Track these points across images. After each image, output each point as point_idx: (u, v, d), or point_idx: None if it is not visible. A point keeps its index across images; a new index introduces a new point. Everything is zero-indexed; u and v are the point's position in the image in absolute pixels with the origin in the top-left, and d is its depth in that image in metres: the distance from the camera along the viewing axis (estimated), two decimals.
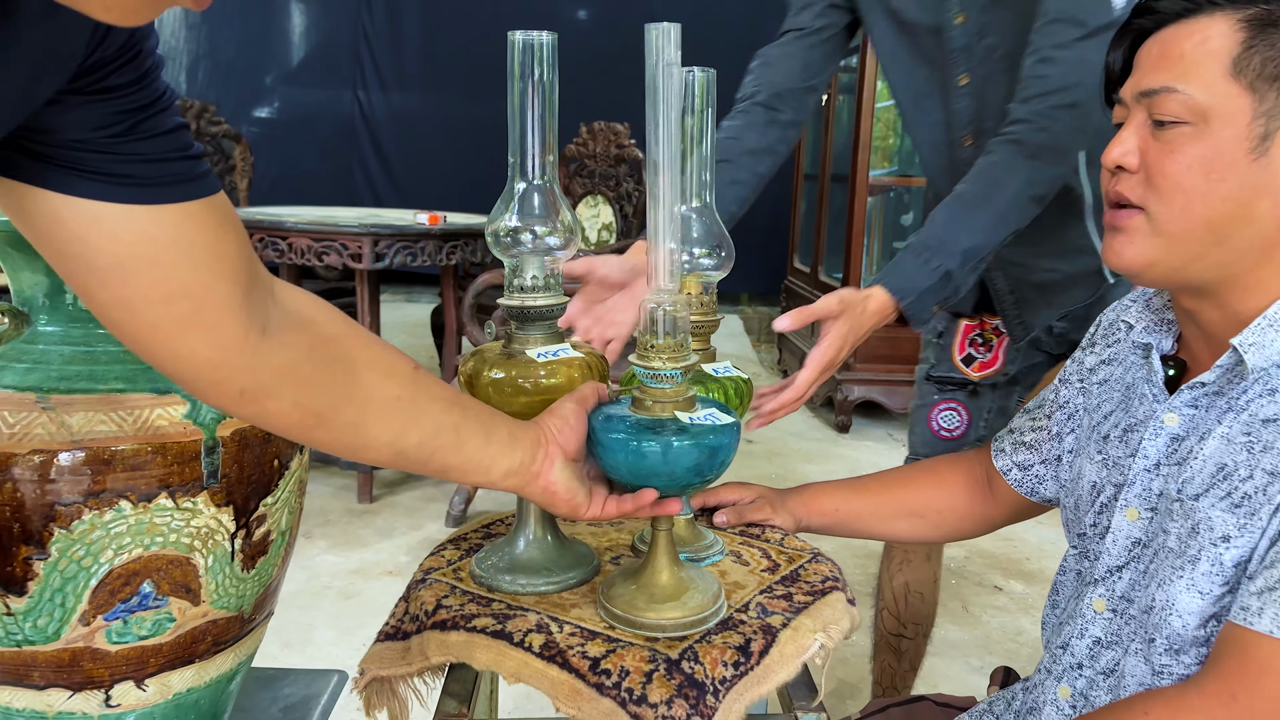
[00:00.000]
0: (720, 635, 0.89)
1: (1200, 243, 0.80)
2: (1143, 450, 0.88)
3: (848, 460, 3.52)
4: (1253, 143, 0.77)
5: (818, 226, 4.48)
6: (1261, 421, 0.79)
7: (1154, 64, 0.81)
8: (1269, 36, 0.76)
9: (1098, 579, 0.92)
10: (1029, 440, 1.10)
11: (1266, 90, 0.76)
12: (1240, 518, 0.77)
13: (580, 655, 0.85)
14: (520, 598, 0.95)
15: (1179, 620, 0.81)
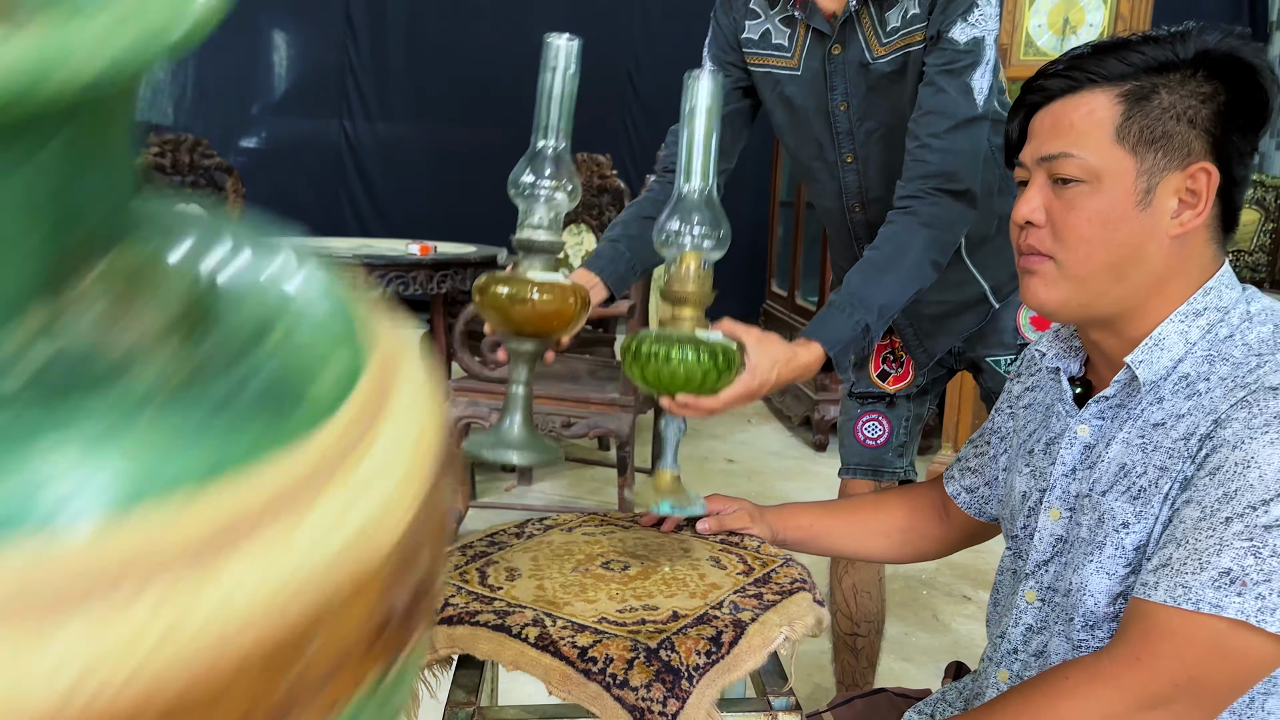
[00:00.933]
0: (695, 628, 1.01)
1: (1103, 282, 0.94)
2: (1061, 458, 1.02)
3: (824, 478, 3.64)
4: (1138, 196, 0.91)
5: (794, 252, 4.62)
6: (1152, 425, 0.93)
7: (1049, 133, 0.95)
8: (1143, 107, 0.91)
9: (1028, 573, 1.05)
10: (973, 466, 1.24)
11: (1145, 152, 0.91)
12: (1137, 506, 0.91)
13: (570, 645, 0.97)
14: (518, 597, 1.07)
15: (1091, 599, 0.94)
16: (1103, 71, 0.92)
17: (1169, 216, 0.91)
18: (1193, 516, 0.84)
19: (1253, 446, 0.82)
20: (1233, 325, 0.93)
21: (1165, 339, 0.93)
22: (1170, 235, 0.91)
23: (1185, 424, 0.89)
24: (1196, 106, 0.90)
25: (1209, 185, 0.90)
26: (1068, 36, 3.10)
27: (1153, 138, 0.90)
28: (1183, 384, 0.92)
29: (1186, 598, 0.81)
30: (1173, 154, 0.90)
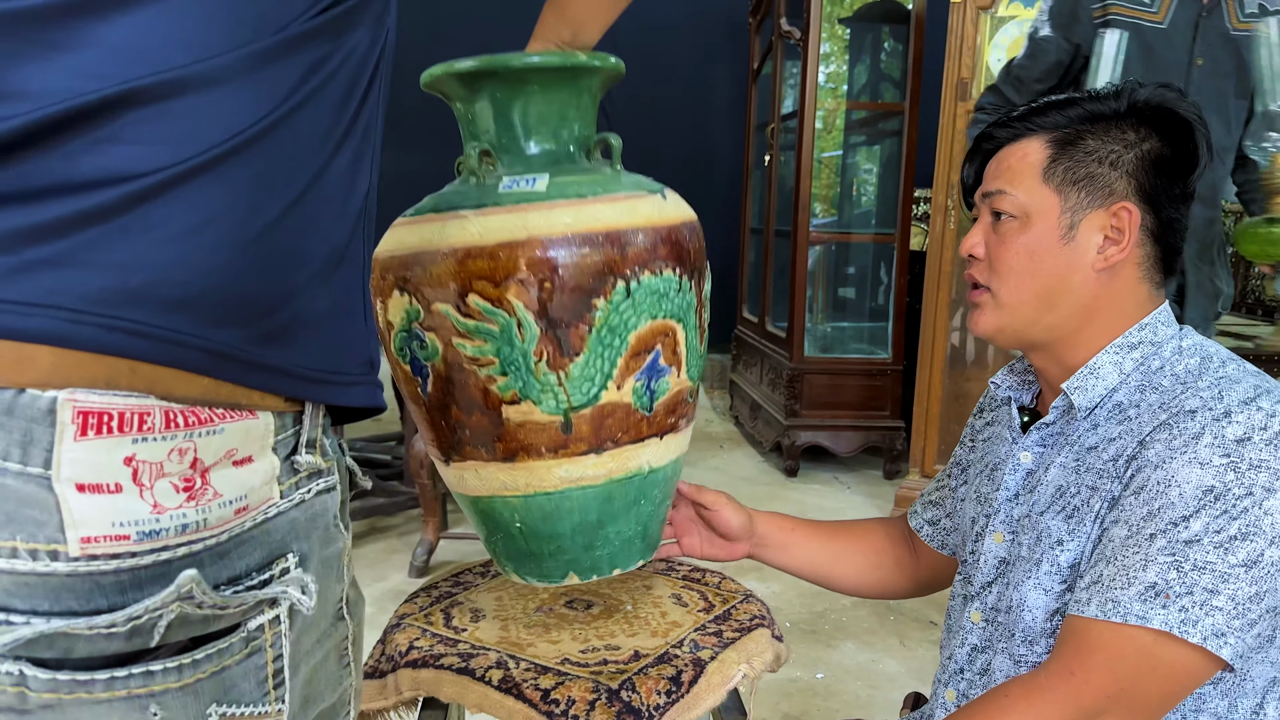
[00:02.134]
0: (656, 668, 1.04)
1: (1034, 310, 1.01)
2: (1004, 484, 1.08)
3: (796, 503, 3.68)
4: (1062, 231, 0.99)
5: (764, 278, 4.67)
6: (1086, 449, 0.98)
7: (993, 174, 1.05)
8: (1068, 151, 0.99)
9: (973, 595, 1.10)
10: (934, 499, 1.29)
11: (1069, 191, 0.99)
12: (1071, 525, 0.96)
13: (533, 688, 0.99)
14: (482, 639, 1.09)
15: (1029, 615, 0.99)
16: (1042, 122, 1.02)
17: (1094, 251, 0.98)
18: (1120, 535, 0.89)
19: (1173, 466, 0.87)
20: (1164, 358, 0.99)
21: (1100, 368, 1.00)
22: (1095, 269, 0.99)
23: (1115, 446, 0.95)
24: (1120, 151, 0.98)
25: (1131, 223, 0.97)
26: None
27: (1076, 178, 0.99)
28: (1116, 411, 0.98)
29: (1115, 611, 0.85)
30: (1096, 193, 0.98)
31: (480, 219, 0.90)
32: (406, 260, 0.93)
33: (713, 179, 6.24)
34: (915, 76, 3.89)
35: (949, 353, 3.43)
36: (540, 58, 0.95)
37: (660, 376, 0.97)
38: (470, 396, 0.93)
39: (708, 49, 6.48)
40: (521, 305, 0.89)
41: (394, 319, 0.95)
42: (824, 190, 4.58)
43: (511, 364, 0.91)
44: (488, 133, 1.01)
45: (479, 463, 0.97)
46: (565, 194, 0.92)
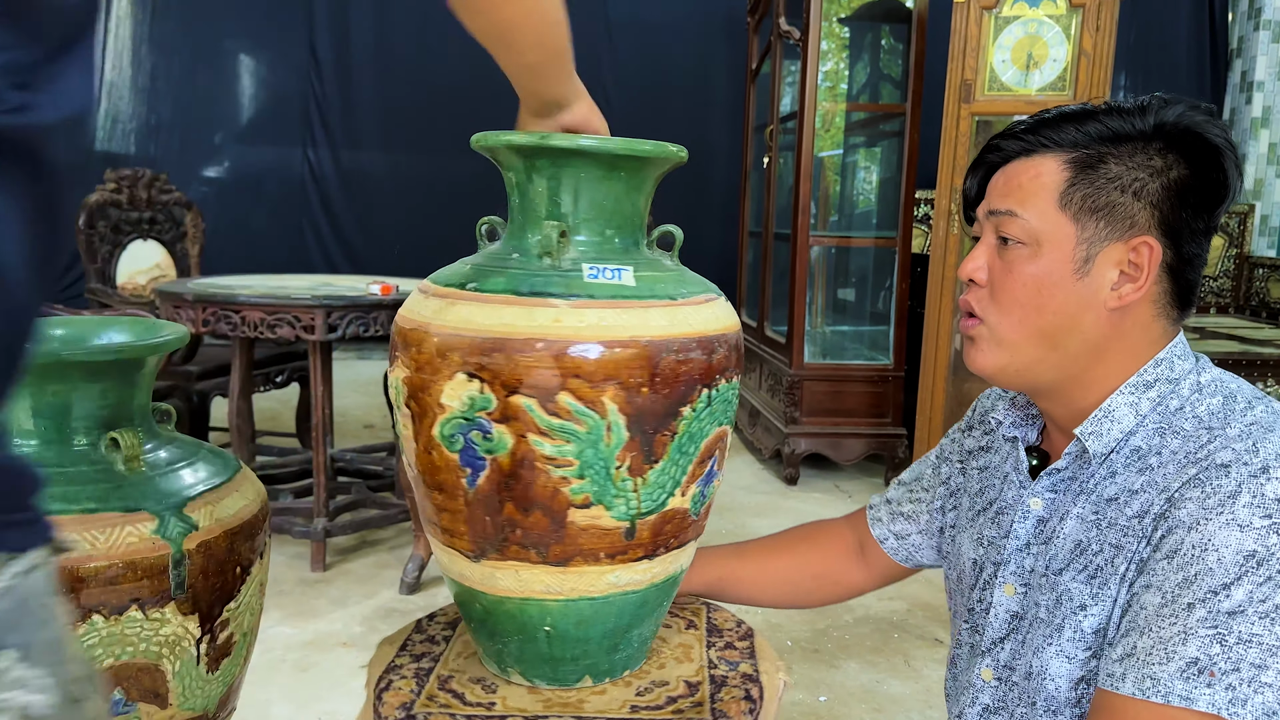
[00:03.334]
0: (724, 691, 1.01)
1: (1037, 348, 0.92)
2: (1014, 532, 0.99)
3: (796, 513, 3.61)
4: (1076, 265, 0.89)
5: (762, 282, 4.60)
6: (1105, 500, 0.90)
7: (1001, 191, 0.94)
8: (1089, 175, 0.89)
9: (984, 650, 1.01)
10: (906, 511, 1.20)
11: (1087, 220, 0.89)
12: (1094, 587, 0.88)
13: None
14: (520, 706, 1.00)
15: (1052, 684, 0.91)
16: (1057, 137, 0.91)
17: (1108, 288, 0.89)
18: (1154, 603, 0.81)
19: (1209, 528, 0.79)
20: (1183, 397, 0.91)
21: (1115, 410, 0.91)
22: (1109, 307, 0.90)
23: (1139, 501, 0.87)
24: (1145, 179, 0.88)
25: (1151, 260, 0.88)
26: (1031, 72, 3.11)
27: (1096, 206, 0.89)
28: (1135, 457, 0.90)
29: (1155, 690, 0.78)
30: (1115, 224, 0.89)
31: (576, 312, 0.86)
32: (483, 345, 0.86)
33: (711, 181, 6.17)
34: (917, 77, 3.82)
35: (952, 358, 3.36)
36: (621, 144, 0.93)
37: (712, 481, 0.98)
38: (535, 496, 0.89)
39: (705, 48, 6.42)
40: (615, 409, 0.86)
41: (450, 403, 0.88)
42: (824, 192, 4.51)
43: (591, 467, 0.88)
44: (557, 211, 0.95)
45: (523, 564, 0.93)
46: (655, 293, 0.91)
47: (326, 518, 2.86)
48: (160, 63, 6.25)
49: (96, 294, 3.59)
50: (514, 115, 1.02)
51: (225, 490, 0.93)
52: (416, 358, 0.89)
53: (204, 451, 0.97)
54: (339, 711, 2.10)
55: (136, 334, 0.96)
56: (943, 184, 3.24)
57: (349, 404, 5.02)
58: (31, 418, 0.87)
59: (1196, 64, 6.48)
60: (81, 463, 0.88)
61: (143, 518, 0.85)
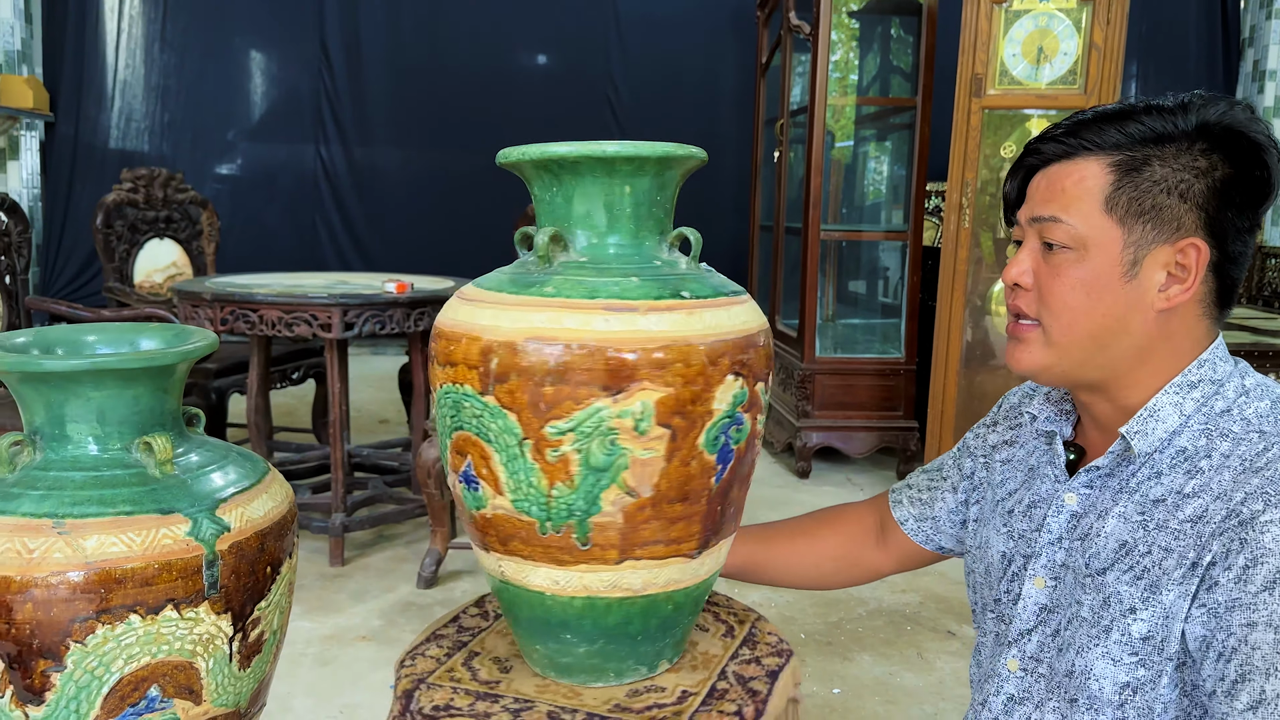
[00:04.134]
0: (716, 704, 1.00)
1: (1085, 350, 0.93)
2: (1047, 526, 1.01)
3: (808, 506, 3.60)
4: (1124, 268, 0.90)
5: (774, 276, 4.61)
6: (1152, 502, 0.91)
7: (1043, 195, 0.95)
8: (1133, 179, 0.90)
9: (1011, 641, 1.03)
10: (926, 497, 1.22)
11: (1134, 224, 0.90)
12: (1142, 590, 0.88)
13: None
14: (523, 690, 1.03)
15: (1096, 684, 0.92)
16: (1099, 140, 0.91)
17: (1155, 290, 0.90)
18: (1268, 640, 0.78)
19: None
20: (1229, 399, 0.92)
21: (1160, 410, 0.92)
22: (1156, 309, 0.91)
23: (1192, 505, 0.87)
24: (1190, 180, 0.89)
25: (1198, 261, 0.89)
26: (1042, 65, 3.11)
27: (1142, 210, 0.89)
28: (1181, 458, 0.91)
29: None
30: (1162, 227, 0.89)
31: (739, 308, 0.99)
32: (740, 344, 0.95)
33: (721, 175, 6.18)
34: (927, 71, 3.82)
35: (964, 351, 3.37)
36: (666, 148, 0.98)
37: None
38: (748, 469, 1.02)
39: (715, 42, 6.41)
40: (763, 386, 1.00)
41: (721, 405, 0.93)
42: (834, 186, 4.52)
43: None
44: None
45: (727, 540, 1.05)
46: (725, 291, 1.00)
47: (344, 513, 2.90)
48: (172, 61, 6.28)
49: (114, 293, 3.63)
50: (526, 112, 1.06)
51: (255, 492, 0.95)
52: (683, 372, 0.90)
53: (233, 454, 1.00)
54: (360, 704, 2.14)
55: (167, 340, 0.99)
56: (954, 177, 3.24)
57: (363, 399, 5.05)
58: (69, 423, 0.89)
59: (1208, 53, 6.45)
60: (116, 466, 0.90)
61: (177, 520, 0.88)
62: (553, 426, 0.90)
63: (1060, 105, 3.11)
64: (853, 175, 4.82)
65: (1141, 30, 6.19)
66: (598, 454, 0.90)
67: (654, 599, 1.00)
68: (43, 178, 6.11)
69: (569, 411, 0.89)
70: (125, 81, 6.26)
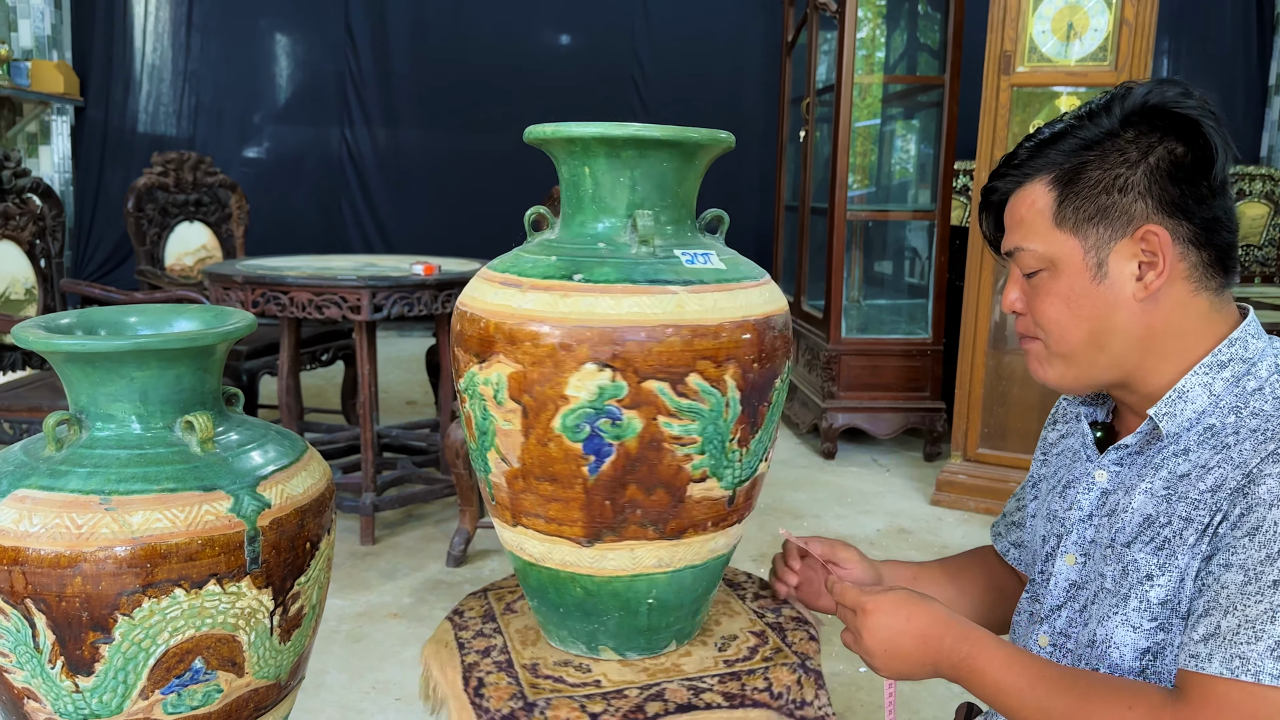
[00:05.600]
0: (790, 635, 1.08)
1: (1086, 355, 0.96)
2: (1077, 503, 1.02)
3: (834, 487, 3.63)
4: (1092, 272, 0.93)
5: (799, 258, 4.60)
6: (1178, 477, 0.92)
7: (1009, 228, 1.00)
8: (1073, 189, 0.94)
9: (1042, 617, 1.04)
10: (1017, 520, 1.23)
11: (1087, 229, 0.93)
12: (1161, 558, 0.90)
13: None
14: (607, 673, 1.07)
15: (1117, 652, 0.93)
16: (1040, 163, 0.96)
17: (1132, 281, 0.92)
18: (1236, 581, 0.82)
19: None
20: (1261, 378, 0.92)
21: (1189, 391, 0.93)
22: (1137, 299, 0.93)
23: (1213, 476, 0.88)
24: (1124, 173, 0.91)
25: (1161, 244, 0.91)
26: (1071, 42, 3.08)
27: (1089, 215, 0.93)
28: (1208, 435, 0.92)
29: (1245, 669, 0.79)
30: (1114, 224, 0.92)
31: (695, 297, 0.93)
32: (610, 334, 0.91)
33: (746, 155, 6.15)
34: (955, 48, 3.79)
35: (991, 331, 3.36)
36: (695, 132, 0.99)
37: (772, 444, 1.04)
38: (659, 475, 0.95)
39: (740, 21, 6.38)
40: (734, 385, 0.93)
41: (577, 394, 0.92)
42: (861, 165, 4.49)
43: (711, 442, 0.94)
44: (634, 199, 1.00)
45: (639, 541, 0.99)
46: (739, 274, 0.99)
47: (374, 492, 2.93)
48: (199, 45, 6.32)
49: (146, 275, 3.68)
50: (551, 94, 1.09)
51: (294, 469, 0.97)
52: (531, 352, 0.92)
53: (272, 433, 1.02)
54: (391, 680, 2.17)
55: (207, 321, 1.01)
56: (982, 156, 3.22)
57: (391, 380, 5.09)
58: (114, 402, 0.92)
59: (1242, 29, 6.34)
60: (160, 444, 0.92)
61: (219, 496, 0.90)
62: (458, 382, 1.03)
63: (1090, 82, 3.08)
64: (880, 154, 4.79)
65: (1174, 5, 6.09)
66: (478, 416, 0.99)
67: (558, 575, 1.03)
68: (73, 162, 6.17)
69: (461, 372, 1.01)
70: (153, 66, 6.31)
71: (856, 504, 3.46)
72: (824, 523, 3.25)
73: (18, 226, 2.91)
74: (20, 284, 2.94)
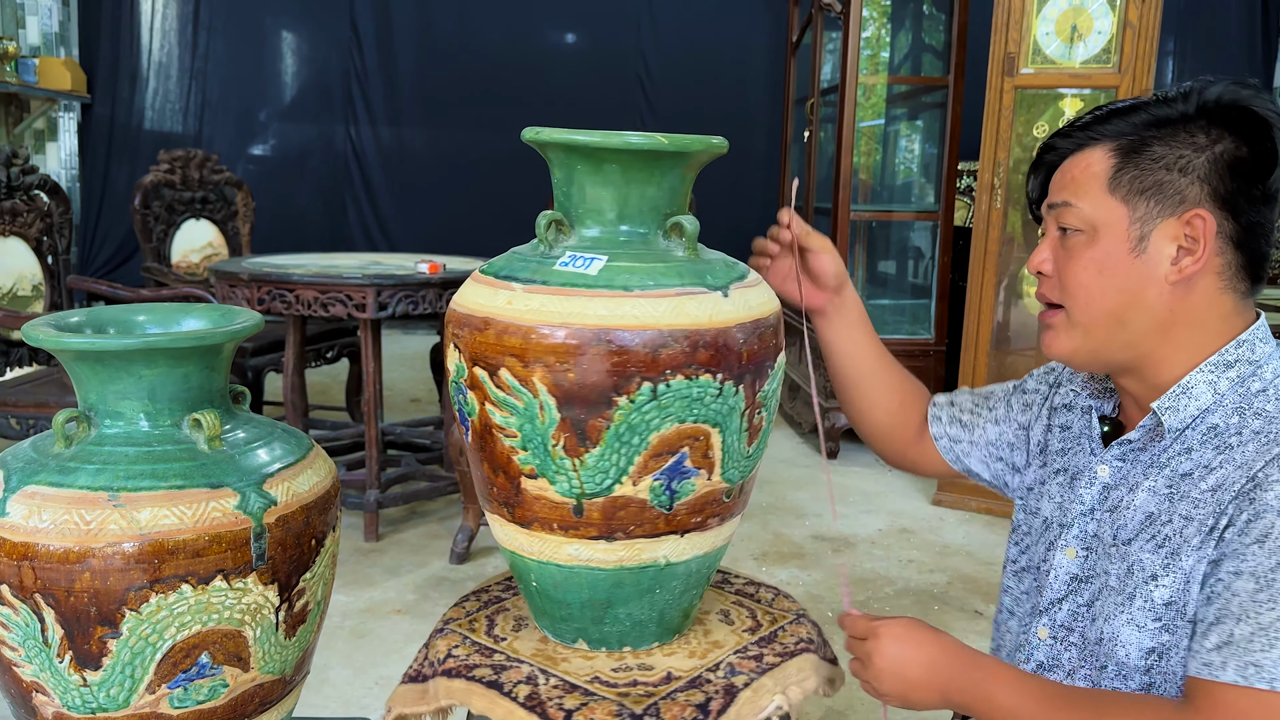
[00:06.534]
0: (685, 693, 1.00)
1: (1106, 328, 0.96)
2: (1080, 497, 1.04)
3: (837, 486, 3.64)
4: (1132, 244, 0.94)
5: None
6: (1180, 475, 0.93)
7: (1058, 186, 1.01)
8: (1134, 159, 0.94)
9: (1042, 610, 1.06)
10: (966, 419, 1.24)
11: (1137, 201, 0.94)
12: (1164, 557, 0.91)
13: (558, 707, 0.97)
14: (519, 650, 1.08)
15: (1123, 650, 0.94)
16: (1105, 130, 0.97)
17: (1167, 262, 0.93)
18: (1248, 589, 0.82)
19: None
20: (1266, 380, 0.93)
21: (1194, 388, 0.94)
22: (1170, 281, 0.93)
23: (1216, 476, 0.90)
24: (1189, 156, 0.92)
25: (1205, 230, 0.91)
26: (1075, 44, 3.08)
27: (1144, 187, 0.93)
28: (1211, 435, 0.93)
29: (1260, 676, 0.79)
30: (1165, 202, 0.93)
31: (525, 296, 0.95)
32: (462, 319, 0.98)
33: (751, 155, 6.16)
34: (959, 49, 3.80)
35: (994, 331, 3.36)
36: (639, 139, 0.96)
37: (684, 478, 0.97)
38: (498, 460, 0.98)
39: (745, 21, 6.38)
40: (545, 389, 0.92)
41: (451, 367, 1.01)
42: (865, 165, 4.49)
43: (532, 441, 0.94)
44: (569, 201, 1.03)
45: (501, 520, 1.03)
46: (613, 283, 0.94)
47: (379, 489, 2.94)
48: (205, 42, 6.33)
49: (152, 272, 3.69)
50: (556, 92, 1.09)
51: (300, 467, 0.99)
52: (448, 329, 1.03)
53: (278, 431, 1.03)
54: (394, 676, 2.18)
55: (214, 320, 1.02)
56: (985, 157, 3.22)
57: (395, 378, 5.11)
58: (122, 400, 0.93)
59: (1247, 31, 6.33)
60: (167, 442, 0.93)
61: (226, 494, 0.91)
62: None
63: (1094, 84, 3.09)
64: (884, 154, 4.79)
65: (1179, 6, 6.09)
66: None
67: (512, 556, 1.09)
68: (80, 159, 6.19)
69: None
70: (160, 63, 6.33)
71: (859, 503, 3.47)
72: (825, 521, 3.26)
73: (25, 223, 2.92)
74: (27, 280, 2.96)
